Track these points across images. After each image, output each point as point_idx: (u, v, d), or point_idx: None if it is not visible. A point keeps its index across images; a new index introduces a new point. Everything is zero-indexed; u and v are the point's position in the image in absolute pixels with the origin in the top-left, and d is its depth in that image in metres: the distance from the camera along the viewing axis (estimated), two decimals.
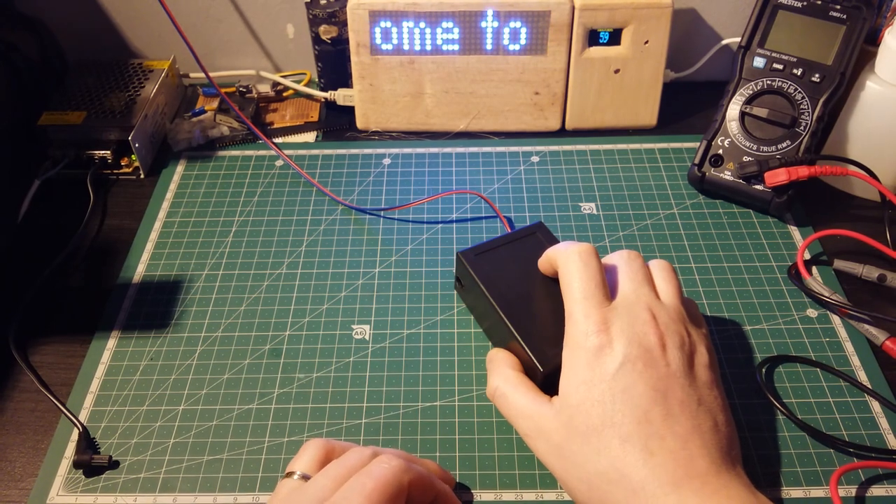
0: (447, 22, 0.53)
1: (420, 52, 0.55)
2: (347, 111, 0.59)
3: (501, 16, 0.53)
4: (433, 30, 0.54)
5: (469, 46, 0.54)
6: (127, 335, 0.44)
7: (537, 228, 0.44)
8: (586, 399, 0.33)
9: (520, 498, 0.37)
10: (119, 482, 0.37)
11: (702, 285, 0.46)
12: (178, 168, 0.55)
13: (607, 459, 0.32)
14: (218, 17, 0.62)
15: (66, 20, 0.61)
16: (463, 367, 0.42)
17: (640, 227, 0.50)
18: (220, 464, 0.38)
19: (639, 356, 0.33)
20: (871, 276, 0.46)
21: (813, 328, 0.44)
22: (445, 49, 0.55)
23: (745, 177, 0.50)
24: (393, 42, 0.54)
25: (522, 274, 0.41)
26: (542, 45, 0.54)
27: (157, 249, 0.49)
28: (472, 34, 0.54)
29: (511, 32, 0.54)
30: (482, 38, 0.54)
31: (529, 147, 0.57)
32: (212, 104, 0.59)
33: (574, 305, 0.35)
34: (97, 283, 0.47)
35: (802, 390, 0.41)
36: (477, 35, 0.54)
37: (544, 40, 0.54)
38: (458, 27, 0.53)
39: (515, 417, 0.36)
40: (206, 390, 0.41)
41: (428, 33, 0.54)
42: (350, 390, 0.41)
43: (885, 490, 0.36)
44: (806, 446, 0.38)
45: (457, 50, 0.55)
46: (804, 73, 0.49)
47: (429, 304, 0.45)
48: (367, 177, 0.54)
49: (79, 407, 0.40)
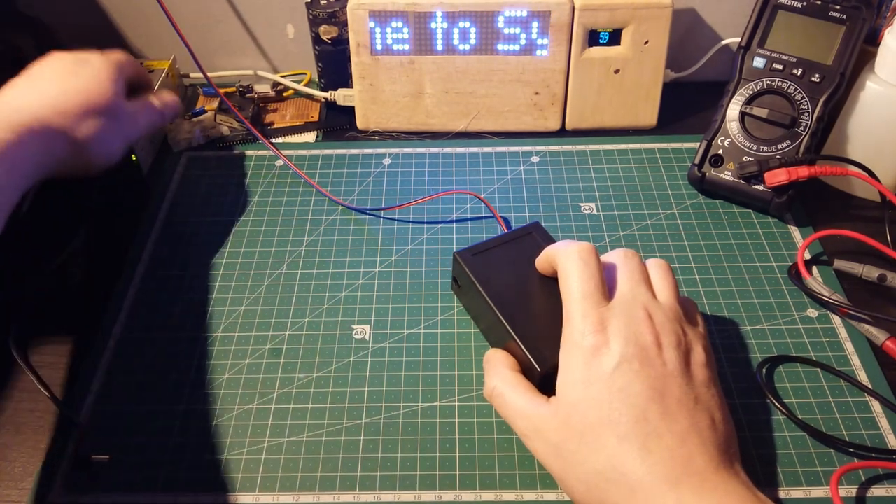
0: (447, 22, 0.53)
1: (420, 53, 0.55)
2: (347, 111, 0.59)
3: (501, 16, 0.53)
4: (433, 30, 0.54)
5: (469, 47, 0.54)
6: (127, 335, 0.44)
7: (534, 228, 0.44)
8: (583, 398, 0.33)
9: (520, 498, 0.37)
10: (119, 482, 0.37)
11: (702, 285, 0.46)
12: (179, 168, 0.55)
13: (605, 458, 0.32)
14: (218, 18, 0.62)
15: (67, 20, 0.61)
16: (463, 367, 0.42)
17: (640, 227, 0.50)
18: (220, 464, 0.38)
19: (635, 355, 0.33)
20: (872, 276, 0.46)
21: (813, 328, 0.44)
22: (445, 49, 0.55)
23: (745, 177, 0.50)
24: (393, 42, 0.54)
25: (519, 274, 0.41)
26: (541, 46, 0.54)
27: (157, 249, 0.49)
28: (472, 34, 0.54)
29: (511, 33, 0.54)
30: (482, 39, 0.54)
31: (529, 147, 0.57)
32: (212, 104, 0.59)
33: (572, 305, 0.35)
34: (97, 283, 0.47)
35: (803, 390, 0.41)
36: (477, 35, 0.54)
37: (544, 41, 0.54)
38: (457, 27, 0.53)
39: (513, 417, 0.36)
40: (206, 390, 0.41)
41: (428, 33, 0.54)
42: (350, 390, 0.41)
43: (886, 490, 0.36)
44: (806, 446, 0.38)
45: (457, 50, 0.55)
46: (804, 73, 0.49)
47: (429, 304, 0.45)
48: (368, 177, 0.54)
49: (79, 407, 0.41)
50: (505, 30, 0.53)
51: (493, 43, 0.54)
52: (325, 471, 0.38)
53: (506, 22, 0.53)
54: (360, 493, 0.37)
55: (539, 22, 0.53)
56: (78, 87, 0.44)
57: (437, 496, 0.37)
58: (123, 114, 0.47)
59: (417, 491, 0.37)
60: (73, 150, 0.43)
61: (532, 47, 0.54)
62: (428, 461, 0.38)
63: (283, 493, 0.37)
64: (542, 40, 0.54)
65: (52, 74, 0.45)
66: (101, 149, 0.45)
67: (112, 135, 0.46)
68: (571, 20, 0.53)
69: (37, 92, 0.43)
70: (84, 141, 0.44)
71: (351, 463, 0.38)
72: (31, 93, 0.43)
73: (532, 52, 0.55)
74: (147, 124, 0.49)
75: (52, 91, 0.43)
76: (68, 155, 0.43)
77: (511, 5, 0.52)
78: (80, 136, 0.43)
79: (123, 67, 0.48)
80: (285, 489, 0.37)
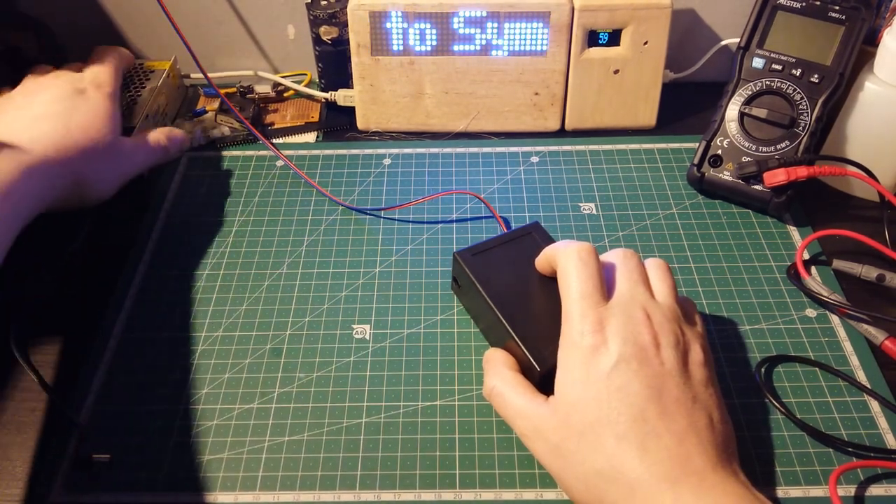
0: (447, 22, 0.53)
1: (420, 53, 0.55)
2: (348, 111, 0.59)
3: (501, 17, 0.53)
4: (433, 30, 0.54)
5: (469, 47, 0.54)
6: (127, 335, 0.44)
7: (533, 228, 0.44)
8: (582, 398, 0.33)
9: (520, 497, 0.37)
10: (119, 482, 0.37)
11: (701, 285, 0.47)
12: (180, 168, 0.55)
13: (604, 458, 0.32)
14: (219, 19, 0.62)
15: (67, 20, 0.61)
16: (463, 367, 0.42)
17: (640, 227, 0.50)
18: (220, 463, 0.38)
19: (633, 355, 0.33)
20: (870, 275, 0.46)
21: (812, 328, 0.44)
22: (445, 50, 0.55)
23: (744, 177, 0.50)
24: (393, 43, 0.54)
25: (519, 274, 0.41)
26: (541, 46, 0.54)
27: (158, 249, 0.49)
28: (472, 35, 0.54)
29: (511, 33, 0.54)
30: (482, 39, 0.54)
31: (529, 147, 0.57)
32: (213, 104, 0.59)
33: (571, 305, 0.35)
34: (98, 282, 0.47)
35: (801, 390, 0.41)
36: (477, 36, 0.54)
37: (544, 41, 0.54)
38: (457, 28, 0.54)
39: (512, 417, 0.36)
40: (206, 389, 0.41)
41: (428, 34, 0.54)
42: (350, 390, 0.41)
43: (885, 489, 0.37)
44: (805, 446, 0.38)
45: (456, 51, 0.55)
46: (803, 73, 0.50)
47: (429, 304, 0.46)
48: (368, 177, 0.54)
49: (79, 407, 0.41)
50: (505, 30, 0.54)
51: (493, 43, 0.54)
52: (325, 470, 0.38)
53: (506, 22, 0.53)
54: (361, 493, 0.37)
55: (539, 22, 0.53)
56: (80, 123, 0.45)
57: (437, 495, 0.37)
58: (121, 151, 0.48)
59: (417, 490, 0.37)
60: (72, 186, 0.44)
61: (532, 48, 0.54)
62: (428, 460, 0.38)
63: (284, 492, 0.37)
64: (542, 41, 0.54)
65: (53, 106, 0.45)
66: (98, 185, 0.46)
67: (109, 172, 0.47)
68: (571, 21, 0.53)
69: (40, 125, 0.44)
70: (83, 177, 0.45)
71: (351, 462, 0.38)
72: (34, 126, 0.44)
73: (532, 53, 0.55)
74: (145, 162, 0.51)
75: (56, 126, 0.44)
76: (67, 191, 0.44)
77: (511, 6, 0.52)
78: (80, 173, 0.44)
79: (116, 94, 0.50)
80: (286, 488, 0.37)
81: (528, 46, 0.54)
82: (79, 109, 0.46)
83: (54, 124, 0.44)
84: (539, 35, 0.54)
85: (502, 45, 0.54)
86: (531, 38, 0.54)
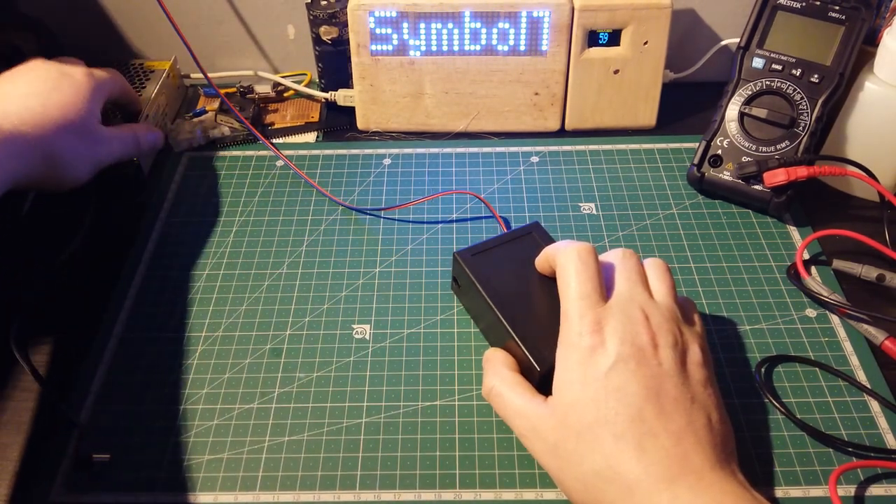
0: (447, 23, 0.53)
1: (420, 53, 0.55)
2: (348, 111, 0.59)
3: (501, 17, 0.53)
4: (433, 31, 0.54)
5: (469, 47, 0.54)
6: (127, 335, 0.44)
7: (533, 228, 0.44)
8: (580, 398, 0.33)
9: (519, 497, 0.37)
10: (119, 481, 0.37)
11: (701, 285, 0.47)
12: (180, 168, 0.55)
13: (602, 457, 0.32)
14: (219, 19, 0.62)
15: (68, 20, 0.61)
16: (463, 367, 0.42)
17: (640, 227, 0.50)
18: (220, 463, 0.38)
19: (631, 355, 0.33)
20: (870, 275, 0.46)
21: (812, 328, 0.44)
22: (445, 50, 0.55)
23: (744, 177, 0.50)
24: (393, 43, 0.54)
25: (519, 274, 0.41)
26: (541, 46, 0.54)
27: (158, 249, 0.49)
28: (472, 35, 0.54)
29: (511, 33, 0.54)
30: (482, 39, 0.54)
31: (529, 147, 0.57)
32: (213, 104, 0.59)
33: (570, 305, 0.35)
34: (98, 282, 0.47)
35: (801, 390, 0.41)
36: (477, 36, 0.54)
37: (544, 41, 0.54)
38: (458, 28, 0.54)
39: (511, 417, 0.36)
40: (206, 389, 0.41)
41: (428, 34, 0.54)
42: (350, 390, 0.41)
43: (884, 489, 0.37)
44: (805, 446, 0.38)
45: (457, 51, 0.55)
46: (803, 73, 0.50)
47: (429, 304, 0.46)
48: (368, 177, 0.54)
49: (79, 406, 0.41)
50: (505, 30, 0.54)
51: (493, 43, 0.54)
52: (325, 470, 0.38)
53: (506, 22, 0.53)
54: (361, 492, 0.37)
55: (539, 22, 0.53)
56: (58, 101, 0.45)
57: (437, 495, 0.37)
58: (97, 136, 0.47)
59: (417, 490, 0.37)
60: (45, 164, 0.44)
61: (532, 48, 0.54)
62: (428, 460, 0.38)
63: (284, 493, 0.37)
64: (542, 41, 0.54)
65: (35, 84, 0.45)
66: (71, 166, 0.46)
67: (83, 154, 0.46)
68: (571, 21, 0.53)
69: (17, 101, 0.44)
70: (56, 155, 0.44)
71: (351, 462, 0.38)
72: (11, 101, 0.44)
73: (532, 53, 0.55)
74: (121, 152, 0.50)
75: (32, 103, 0.44)
76: (39, 168, 0.44)
77: (511, 6, 0.52)
78: (53, 151, 0.44)
79: (105, 86, 0.49)
80: (286, 488, 0.37)
81: (528, 46, 0.54)
82: (60, 89, 0.46)
83: (32, 101, 0.44)
84: (539, 35, 0.54)
85: (502, 46, 0.54)
86: (531, 38, 0.54)
